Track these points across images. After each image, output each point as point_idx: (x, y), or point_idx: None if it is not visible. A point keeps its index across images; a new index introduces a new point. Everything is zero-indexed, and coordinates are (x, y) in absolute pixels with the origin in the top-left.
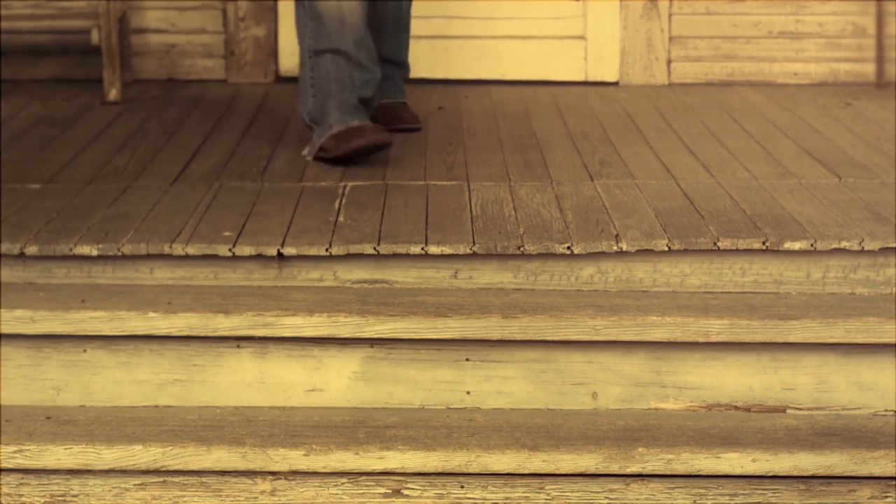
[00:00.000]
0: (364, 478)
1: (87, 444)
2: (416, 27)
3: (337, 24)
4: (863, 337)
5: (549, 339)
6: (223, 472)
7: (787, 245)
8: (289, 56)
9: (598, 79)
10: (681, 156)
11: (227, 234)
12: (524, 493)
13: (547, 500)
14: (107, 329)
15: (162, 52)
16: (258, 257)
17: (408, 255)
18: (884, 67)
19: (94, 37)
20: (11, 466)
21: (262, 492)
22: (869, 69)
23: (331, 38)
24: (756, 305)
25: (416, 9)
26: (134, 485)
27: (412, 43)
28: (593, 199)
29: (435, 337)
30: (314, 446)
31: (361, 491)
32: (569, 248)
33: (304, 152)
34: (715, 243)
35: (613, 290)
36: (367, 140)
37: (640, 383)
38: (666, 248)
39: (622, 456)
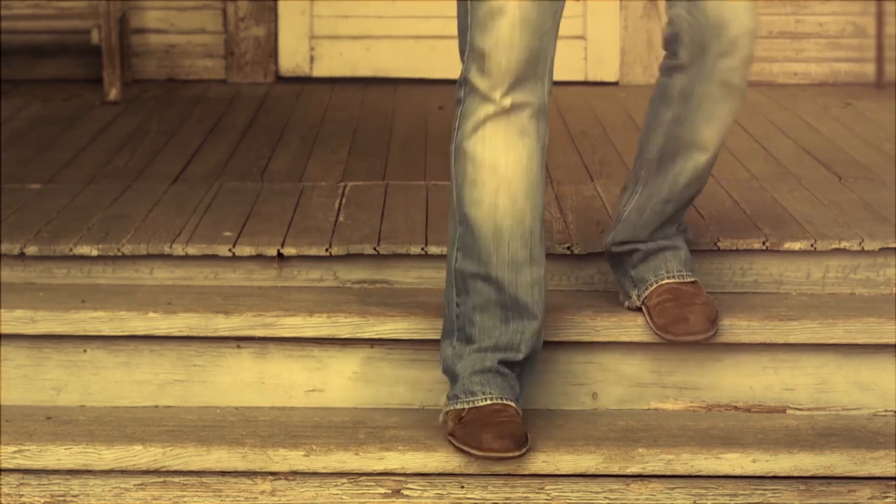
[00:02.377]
0: (364, 478)
1: (87, 445)
2: (416, 27)
3: (490, 239)
4: (863, 337)
5: (549, 339)
6: (223, 473)
7: (787, 245)
8: (289, 56)
9: (598, 79)
10: None
11: (227, 234)
12: (524, 493)
13: (547, 500)
14: (107, 329)
15: (162, 52)
16: (258, 257)
17: (408, 255)
18: (884, 67)
19: (94, 37)
20: (11, 466)
21: (262, 492)
22: (869, 69)
23: (480, 259)
24: (756, 305)
25: (416, 9)
26: (134, 485)
27: (412, 44)
28: (593, 199)
29: (435, 337)
30: (314, 447)
31: (361, 491)
32: (569, 248)
33: (442, 408)
34: (715, 243)
35: (613, 290)
36: (492, 447)
37: (640, 383)
38: None
39: (622, 456)
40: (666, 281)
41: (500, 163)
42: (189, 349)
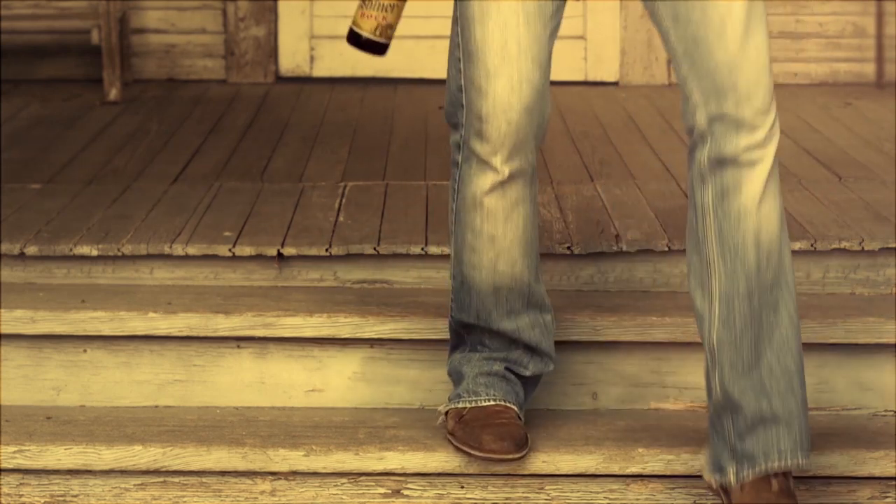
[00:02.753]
0: (364, 478)
1: (87, 445)
2: (415, 27)
3: (490, 298)
4: (863, 337)
5: None
6: (223, 473)
7: None
8: (289, 56)
9: (598, 79)
10: (681, 156)
11: (227, 234)
12: (524, 493)
13: (547, 500)
14: (107, 329)
15: (162, 52)
16: (258, 257)
17: (408, 255)
18: (884, 67)
19: (94, 37)
20: (11, 466)
21: (262, 492)
22: (869, 69)
23: (479, 316)
24: None
25: (416, 9)
26: (134, 485)
27: (412, 44)
28: (593, 199)
29: (435, 337)
30: (314, 447)
31: (361, 491)
32: (569, 248)
33: (441, 408)
34: None
35: (613, 290)
36: (492, 448)
37: (640, 383)
38: (666, 249)
39: (622, 456)
40: (776, 470)
41: (498, 235)
42: (189, 349)
